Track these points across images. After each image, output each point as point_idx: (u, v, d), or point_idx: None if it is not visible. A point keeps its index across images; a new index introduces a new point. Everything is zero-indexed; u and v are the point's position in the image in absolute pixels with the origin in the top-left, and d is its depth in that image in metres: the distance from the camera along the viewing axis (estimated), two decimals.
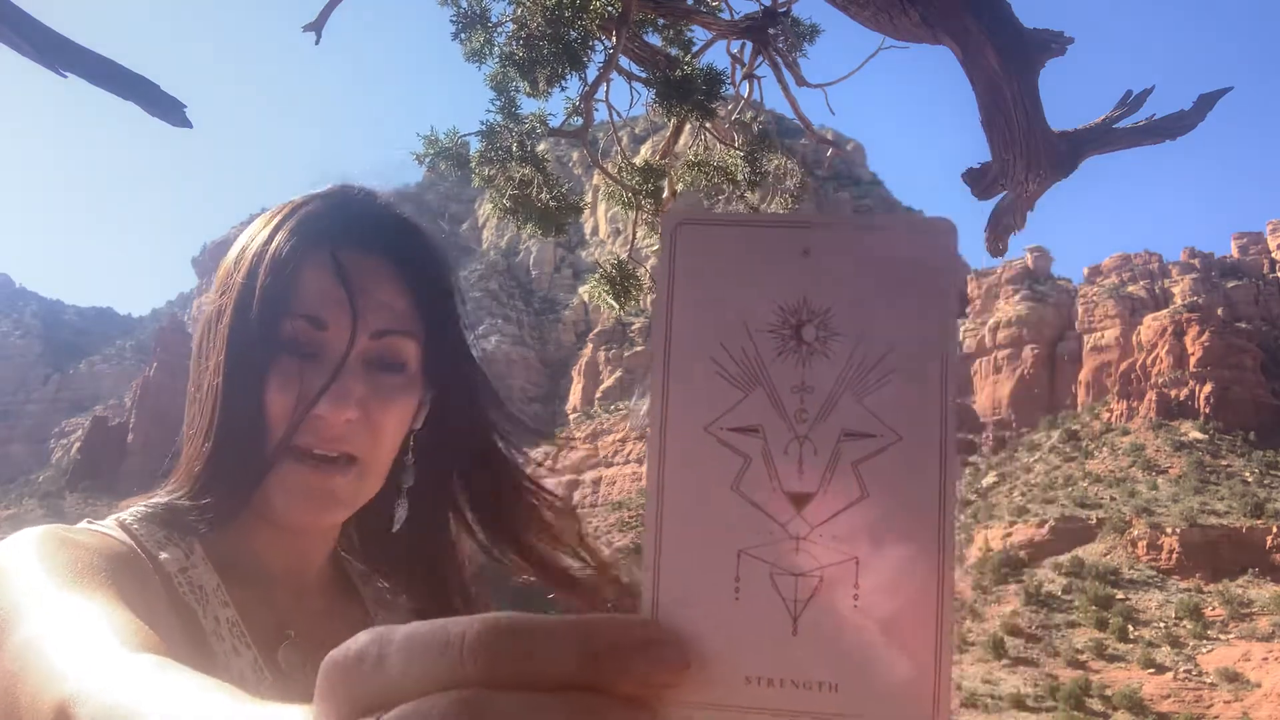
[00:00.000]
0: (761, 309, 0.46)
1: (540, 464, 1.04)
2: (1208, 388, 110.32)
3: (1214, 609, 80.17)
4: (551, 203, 8.06)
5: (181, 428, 1.10)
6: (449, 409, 1.14)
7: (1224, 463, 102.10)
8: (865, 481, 0.44)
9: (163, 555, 0.99)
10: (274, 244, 1.04)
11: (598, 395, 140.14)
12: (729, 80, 8.63)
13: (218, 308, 1.06)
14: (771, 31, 8.18)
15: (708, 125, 8.80)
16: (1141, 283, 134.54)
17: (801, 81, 8.58)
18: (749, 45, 8.57)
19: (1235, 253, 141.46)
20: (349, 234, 1.07)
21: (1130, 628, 79.50)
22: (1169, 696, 69.76)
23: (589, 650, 0.38)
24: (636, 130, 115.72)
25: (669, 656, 0.40)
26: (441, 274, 1.14)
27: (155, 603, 0.92)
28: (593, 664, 0.38)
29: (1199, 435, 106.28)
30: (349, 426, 1.02)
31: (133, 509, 1.06)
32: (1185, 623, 78.95)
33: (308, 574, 1.13)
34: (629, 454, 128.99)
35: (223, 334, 1.04)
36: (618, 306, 8.38)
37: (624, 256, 8.63)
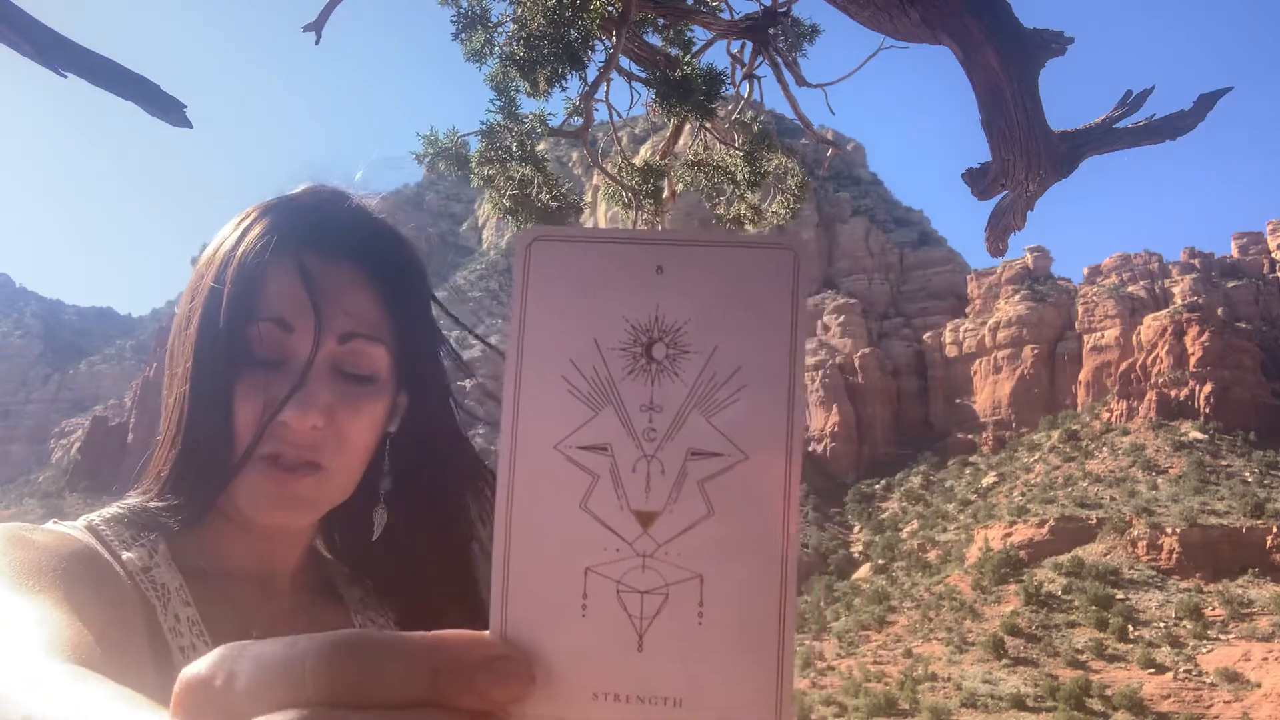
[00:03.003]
0: (613, 327, 0.46)
1: None
2: (1208, 388, 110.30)
3: (1214, 609, 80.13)
4: (551, 203, 8.06)
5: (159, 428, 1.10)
6: (422, 413, 1.13)
7: (1224, 463, 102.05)
8: (711, 500, 0.45)
9: (126, 555, 1.00)
10: (241, 248, 1.03)
11: None
12: (729, 80, 8.63)
13: (186, 312, 1.06)
14: (771, 31, 8.18)
15: (708, 125, 8.80)
16: (1141, 283, 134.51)
17: (801, 81, 8.58)
18: (749, 45, 8.57)
19: (1235, 253, 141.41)
20: (318, 237, 1.06)
21: (1130, 628, 79.45)
22: (1169, 696, 69.72)
23: (431, 667, 0.39)
24: (636, 130, 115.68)
25: (512, 672, 0.40)
26: (414, 278, 1.12)
27: (107, 603, 0.92)
28: (435, 681, 0.38)
29: (1199, 435, 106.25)
30: (315, 434, 1.01)
31: (102, 511, 1.06)
32: (1185, 623, 78.90)
33: (277, 575, 1.13)
34: None
35: (190, 339, 1.04)
36: None
37: None
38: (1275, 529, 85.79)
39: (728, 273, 0.46)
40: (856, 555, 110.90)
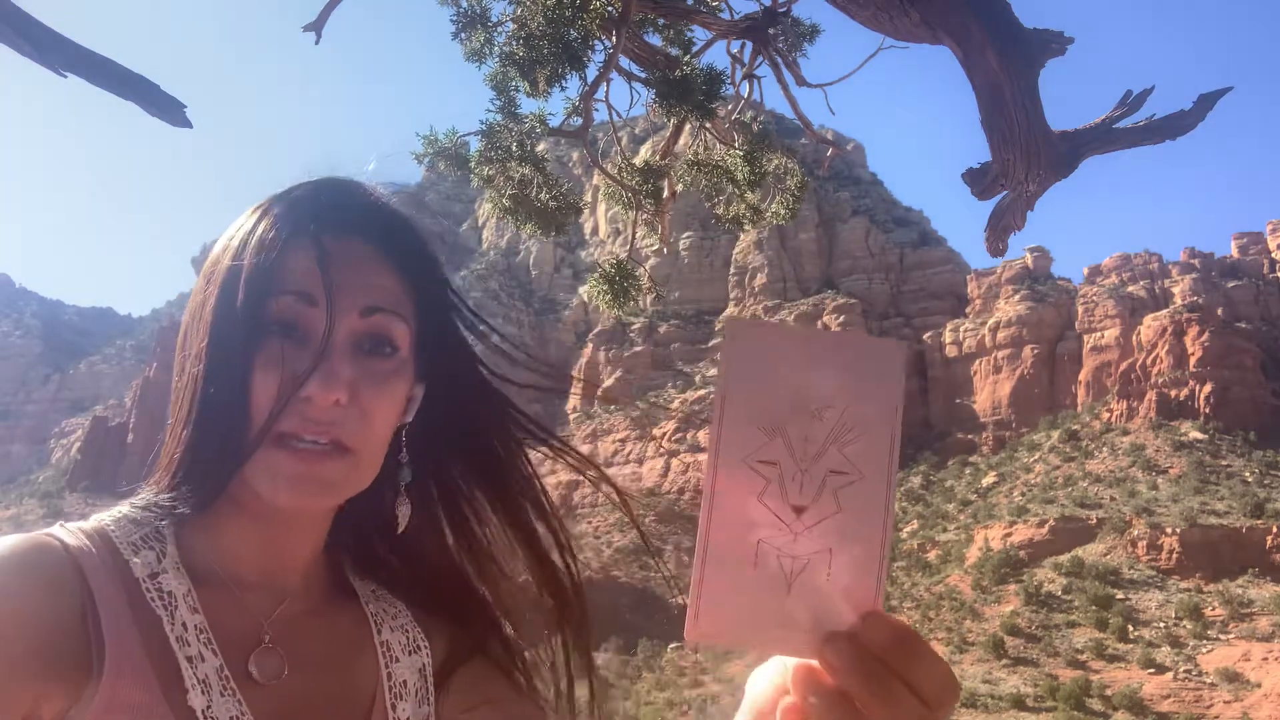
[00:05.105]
0: (784, 385, 0.73)
1: (546, 457, 1.22)
2: (1208, 388, 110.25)
3: (1214, 609, 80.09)
4: (551, 203, 8.06)
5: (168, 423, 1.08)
6: (443, 401, 1.13)
7: (1224, 463, 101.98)
8: (840, 501, 0.72)
9: (134, 561, 0.99)
10: (259, 230, 1.03)
11: (598, 395, 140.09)
12: (729, 80, 8.62)
13: (203, 297, 1.05)
14: (771, 31, 8.18)
15: (708, 125, 8.79)
16: (1141, 283, 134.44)
17: (801, 81, 8.57)
18: (749, 45, 8.57)
19: (1235, 253, 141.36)
20: (336, 218, 1.06)
21: (1130, 628, 79.40)
22: (1169, 696, 69.68)
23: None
24: (636, 130, 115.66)
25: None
26: (431, 262, 1.13)
27: (79, 629, 0.92)
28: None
29: (1199, 435, 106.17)
30: (338, 410, 0.99)
31: (114, 510, 1.05)
32: (1185, 623, 78.86)
33: (288, 575, 1.10)
34: (629, 454, 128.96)
35: (207, 319, 1.02)
36: (617, 307, 8.38)
37: (624, 256, 8.62)
38: (1275, 529, 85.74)
39: (857, 356, 0.74)
40: None
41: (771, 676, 0.77)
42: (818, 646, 0.72)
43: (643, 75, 8.26)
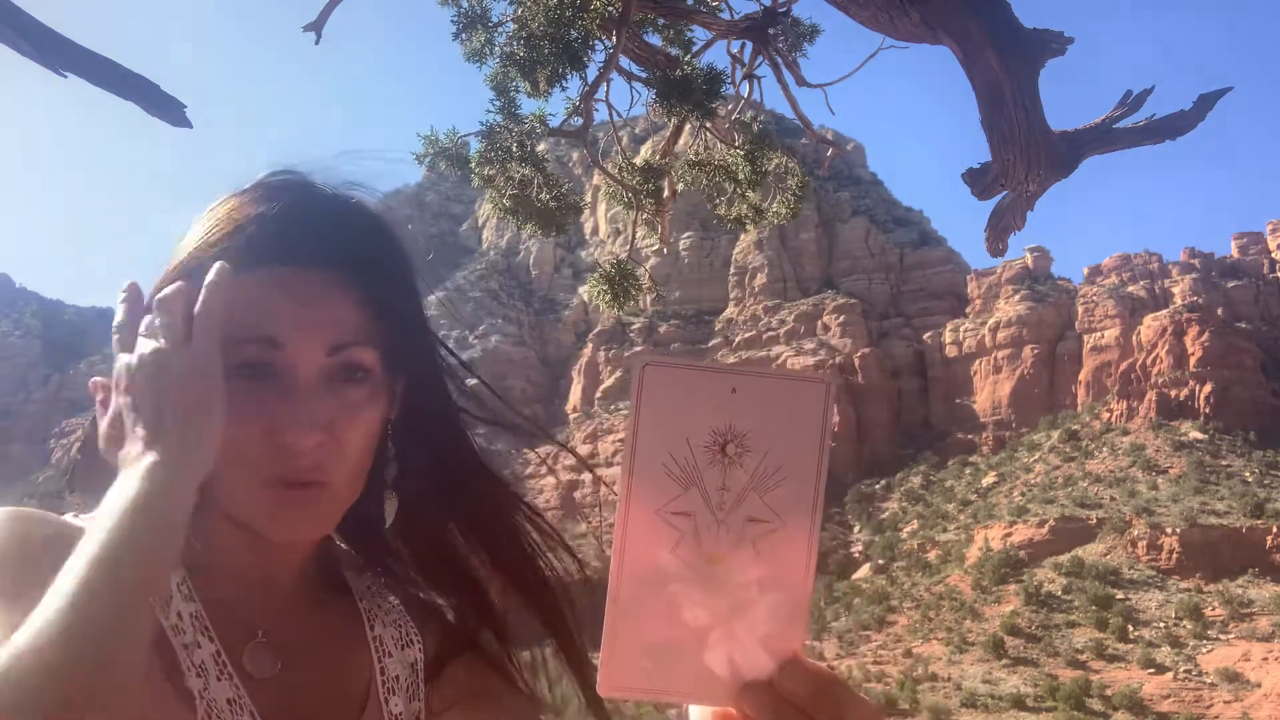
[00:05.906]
0: (700, 430, 0.70)
1: (542, 461, 1.27)
2: (1208, 388, 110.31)
3: (1214, 609, 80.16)
4: (551, 203, 8.06)
5: None
6: (420, 398, 1.12)
7: (1224, 463, 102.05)
8: (759, 551, 0.70)
9: None
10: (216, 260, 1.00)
11: (597, 395, 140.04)
12: (729, 80, 8.62)
13: None
14: (771, 31, 8.18)
15: (708, 125, 8.79)
16: (1141, 283, 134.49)
17: (801, 81, 8.58)
18: (749, 45, 8.57)
19: (1235, 253, 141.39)
20: (295, 246, 1.01)
21: (1130, 628, 79.48)
22: (1169, 696, 69.74)
23: None
24: (636, 130, 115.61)
25: None
26: (399, 269, 1.09)
27: None
28: None
29: (1199, 435, 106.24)
30: (318, 450, 0.99)
31: None
32: (1185, 623, 78.93)
33: (281, 572, 1.11)
34: None
35: None
36: (617, 307, 8.39)
37: (624, 256, 8.63)
38: (1275, 529, 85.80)
39: (780, 397, 0.70)
40: (856, 555, 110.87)
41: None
42: (735, 698, 0.70)
43: (643, 75, 8.26)
